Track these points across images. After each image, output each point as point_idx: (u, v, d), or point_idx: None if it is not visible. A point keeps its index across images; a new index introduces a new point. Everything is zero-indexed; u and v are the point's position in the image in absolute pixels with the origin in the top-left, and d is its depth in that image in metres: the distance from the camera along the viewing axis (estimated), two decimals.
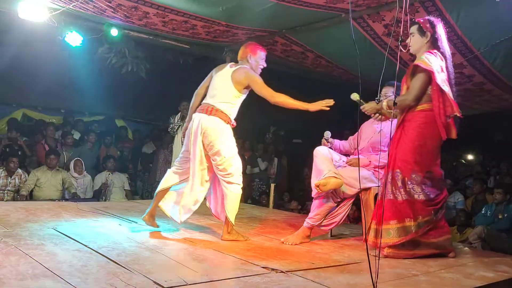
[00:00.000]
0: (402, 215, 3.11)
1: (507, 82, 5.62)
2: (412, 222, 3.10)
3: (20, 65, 6.84)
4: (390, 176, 3.19)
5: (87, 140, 7.38)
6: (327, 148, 3.74)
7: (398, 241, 3.11)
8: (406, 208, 3.11)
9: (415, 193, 3.11)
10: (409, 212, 3.10)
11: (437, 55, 3.14)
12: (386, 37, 4.86)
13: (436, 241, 3.19)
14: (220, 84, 3.62)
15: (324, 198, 3.58)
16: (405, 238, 3.10)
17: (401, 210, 3.12)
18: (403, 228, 3.10)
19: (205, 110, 3.54)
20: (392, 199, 3.16)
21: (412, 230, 3.09)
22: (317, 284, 2.45)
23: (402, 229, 3.10)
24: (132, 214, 4.57)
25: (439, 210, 3.21)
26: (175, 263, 2.73)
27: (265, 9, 4.58)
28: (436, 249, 3.21)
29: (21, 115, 8.34)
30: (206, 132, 3.47)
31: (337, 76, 7.01)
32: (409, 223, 3.10)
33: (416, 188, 3.12)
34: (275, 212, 5.51)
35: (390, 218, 3.13)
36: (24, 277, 2.29)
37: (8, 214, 4.15)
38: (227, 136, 3.53)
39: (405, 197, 3.12)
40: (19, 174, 6.13)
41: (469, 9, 4.19)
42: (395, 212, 3.13)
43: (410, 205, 3.11)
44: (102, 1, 4.63)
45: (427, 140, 3.13)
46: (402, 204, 3.12)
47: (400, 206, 3.13)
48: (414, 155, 3.12)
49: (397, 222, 3.12)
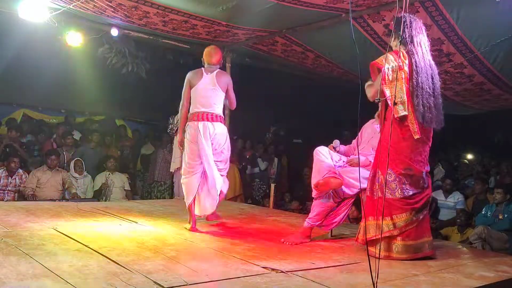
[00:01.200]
0: (377, 213, 3.10)
1: (507, 82, 5.62)
2: (387, 220, 3.10)
3: (21, 65, 6.85)
4: (371, 175, 3.24)
5: (91, 140, 7.37)
6: (327, 148, 3.74)
7: (372, 237, 3.12)
8: (380, 205, 3.09)
9: (390, 191, 3.12)
10: (381, 209, 3.07)
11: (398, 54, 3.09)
12: (386, 37, 4.85)
13: (414, 243, 3.13)
14: (209, 92, 3.91)
15: (324, 198, 3.58)
16: (377, 235, 3.04)
17: (376, 207, 3.12)
18: (377, 225, 3.08)
19: (206, 118, 3.88)
20: (370, 196, 3.22)
21: (386, 228, 3.08)
22: (317, 284, 2.45)
23: (377, 226, 3.08)
24: (132, 214, 4.57)
25: (420, 210, 3.14)
26: (175, 263, 2.73)
27: (265, 9, 4.58)
28: (414, 252, 3.12)
29: (21, 115, 8.34)
30: (216, 137, 3.88)
31: (337, 76, 7.01)
32: (384, 221, 3.09)
33: (392, 185, 3.12)
34: (275, 212, 5.51)
35: (369, 214, 3.18)
36: (24, 277, 2.29)
37: (8, 214, 4.15)
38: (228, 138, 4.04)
39: (379, 195, 3.12)
40: (20, 174, 6.13)
41: (469, 9, 4.19)
42: (372, 209, 3.16)
43: (383, 203, 3.08)
44: (102, 1, 4.63)
45: (399, 137, 3.12)
46: (377, 201, 3.13)
47: (376, 203, 3.14)
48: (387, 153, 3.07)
49: (372, 219, 3.15)
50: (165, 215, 4.67)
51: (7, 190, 6.01)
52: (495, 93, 6.13)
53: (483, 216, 5.65)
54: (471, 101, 6.59)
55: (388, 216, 3.10)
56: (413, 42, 3.15)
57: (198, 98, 3.91)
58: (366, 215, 3.20)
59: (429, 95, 3.11)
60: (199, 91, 3.92)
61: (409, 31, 3.15)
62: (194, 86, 3.95)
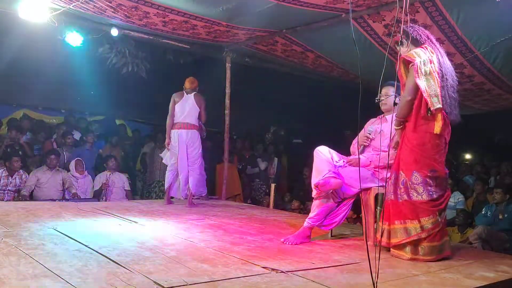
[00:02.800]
0: (403, 216, 3.11)
1: (507, 82, 5.63)
2: (415, 223, 3.08)
3: (21, 65, 6.84)
4: (393, 177, 3.19)
5: (86, 141, 7.39)
6: (327, 148, 3.73)
7: (399, 241, 3.11)
8: (406, 209, 3.11)
9: (417, 194, 3.09)
10: (408, 213, 3.09)
11: (427, 49, 3.13)
12: (386, 37, 4.86)
13: (438, 244, 3.15)
14: (189, 107, 5.43)
15: (324, 198, 3.57)
16: (406, 239, 3.08)
17: (402, 211, 3.12)
18: (404, 229, 3.10)
19: (183, 126, 5.42)
20: (394, 199, 3.18)
21: (413, 232, 3.07)
22: (317, 284, 2.45)
23: (404, 230, 3.10)
24: (132, 214, 4.57)
25: (444, 210, 3.20)
26: (175, 263, 2.73)
27: (265, 9, 4.58)
28: (438, 253, 3.14)
29: (21, 115, 8.34)
30: (190, 140, 5.41)
31: (337, 76, 7.01)
32: (410, 225, 3.08)
33: (418, 188, 3.09)
34: (276, 212, 5.51)
35: (395, 218, 3.15)
36: (24, 277, 2.29)
37: (8, 214, 4.16)
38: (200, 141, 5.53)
39: (404, 198, 3.12)
40: (20, 174, 6.13)
41: (469, 9, 4.19)
42: (397, 213, 3.14)
43: (409, 206, 3.10)
44: (102, 1, 4.63)
45: (425, 138, 3.11)
46: (402, 205, 3.13)
47: (401, 206, 3.13)
48: (413, 155, 3.11)
49: (399, 223, 3.13)
50: (165, 215, 4.67)
51: (7, 190, 6.01)
52: (495, 93, 6.13)
53: (483, 216, 5.65)
54: (471, 101, 6.59)
55: (415, 219, 3.09)
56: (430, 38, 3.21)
57: (181, 111, 5.42)
58: (393, 219, 3.15)
59: (453, 89, 3.16)
60: (181, 107, 5.43)
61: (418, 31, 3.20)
62: (177, 103, 5.46)
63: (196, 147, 5.46)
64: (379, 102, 3.75)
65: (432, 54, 3.12)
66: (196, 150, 5.46)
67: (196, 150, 5.45)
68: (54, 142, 7.44)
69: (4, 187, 5.99)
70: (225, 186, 6.68)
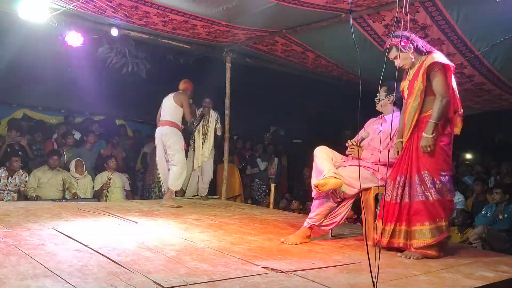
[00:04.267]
0: (434, 215, 3.13)
1: (507, 82, 5.63)
2: (443, 221, 3.14)
3: (21, 65, 6.84)
4: (417, 179, 3.18)
5: (86, 141, 7.38)
6: (327, 148, 3.74)
7: (433, 241, 3.11)
8: (438, 208, 3.13)
9: (444, 192, 3.15)
10: (441, 211, 3.13)
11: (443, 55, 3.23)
12: (387, 37, 4.85)
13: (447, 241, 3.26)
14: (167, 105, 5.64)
15: (324, 198, 3.57)
16: (439, 238, 3.12)
17: (432, 210, 3.14)
18: (436, 228, 3.12)
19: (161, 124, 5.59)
20: (424, 200, 3.16)
21: (444, 230, 3.14)
22: (317, 284, 2.45)
23: (435, 229, 3.12)
24: (132, 214, 4.57)
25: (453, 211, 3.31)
26: (175, 263, 2.73)
27: (265, 9, 4.58)
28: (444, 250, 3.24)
29: (21, 115, 8.34)
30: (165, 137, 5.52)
31: (337, 76, 7.02)
32: (440, 223, 3.13)
33: (444, 187, 3.15)
34: (275, 212, 5.51)
35: (423, 219, 3.15)
36: (24, 277, 2.29)
37: (8, 214, 4.16)
38: (178, 137, 5.57)
39: (436, 197, 3.13)
40: (20, 174, 6.13)
41: (469, 9, 4.19)
42: (427, 213, 3.15)
43: (441, 205, 3.14)
44: (102, 1, 4.63)
45: (446, 138, 3.18)
46: (433, 204, 3.13)
47: (431, 206, 3.14)
48: (441, 155, 3.15)
49: (430, 223, 3.14)
50: (165, 215, 4.67)
51: (7, 190, 6.01)
52: (495, 93, 6.14)
53: (483, 216, 5.65)
54: (471, 101, 6.59)
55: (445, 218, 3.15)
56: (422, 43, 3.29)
57: (162, 111, 5.69)
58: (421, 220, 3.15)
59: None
60: (162, 106, 5.72)
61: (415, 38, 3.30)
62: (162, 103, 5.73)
63: (173, 143, 5.50)
64: (379, 102, 3.77)
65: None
66: (173, 146, 5.50)
67: (173, 146, 5.49)
68: (54, 142, 7.43)
69: (4, 187, 5.99)
70: (225, 186, 6.68)
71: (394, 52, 3.25)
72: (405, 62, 3.29)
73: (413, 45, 3.23)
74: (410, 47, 3.22)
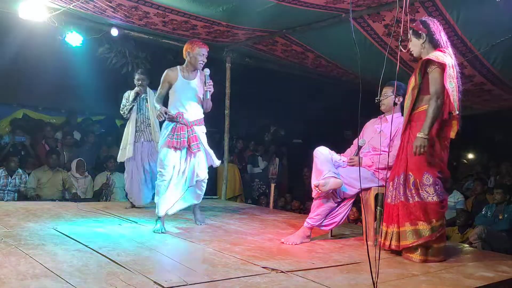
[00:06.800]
0: (414, 218, 3.08)
1: (507, 82, 5.62)
2: (425, 225, 3.06)
3: (20, 65, 6.84)
4: (402, 179, 3.15)
5: (86, 141, 7.37)
6: (327, 148, 3.74)
7: (410, 244, 3.08)
8: (418, 210, 3.08)
9: (428, 195, 3.08)
10: (421, 214, 3.06)
11: (446, 53, 3.12)
12: (386, 37, 4.86)
13: (444, 245, 3.17)
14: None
15: (324, 198, 3.57)
16: (417, 242, 3.06)
17: (413, 212, 3.09)
18: (415, 231, 3.07)
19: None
20: (404, 201, 3.13)
21: (425, 234, 3.05)
22: (317, 284, 2.45)
23: (415, 232, 3.07)
24: (132, 214, 4.57)
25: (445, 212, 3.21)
26: (175, 263, 2.73)
27: (265, 9, 4.58)
28: (444, 254, 3.17)
29: (21, 115, 8.33)
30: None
31: (337, 76, 7.01)
32: (421, 226, 3.06)
33: (429, 189, 3.08)
34: (275, 212, 5.51)
35: (404, 220, 3.12)
36: (24, 277, 2.29)
37: (8, 214, 4.16)
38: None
39: (416, 200, 3.09)
40: (19, 174, 6.13)
41: (469, 9, 4.19)
42: (407, 215, 3.11)
43: (421, 208, 3.07)
44: (102, 1, 4.63)
45: (435, 140, 3.10)
46: (414, 207, 3.09)
47: (412, 208, 3.10)
48: (424, 156, 3.07)
49: (410, 225, 3.09)
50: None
51: (7, 190, 6.01)
52: (495, 93, 6.13)
53: (483, 216, 5.65)
54: (471, 101, 6.59)
55: (427, 220, 3.08)
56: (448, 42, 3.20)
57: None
58: (402, 221, 3.12)
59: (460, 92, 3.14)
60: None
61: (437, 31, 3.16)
62: None
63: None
64: (379, 102, 3.76)
65: (451, 59, 3.11)
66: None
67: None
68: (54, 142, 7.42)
69: (4, 187, 5.99)
70: (226, 186, 6.68)
71: (410, 35, 3.21)
72: (413, 49, 3.23)
73: (428, 36, 3.13)
74: (424, 36, 3.14)
